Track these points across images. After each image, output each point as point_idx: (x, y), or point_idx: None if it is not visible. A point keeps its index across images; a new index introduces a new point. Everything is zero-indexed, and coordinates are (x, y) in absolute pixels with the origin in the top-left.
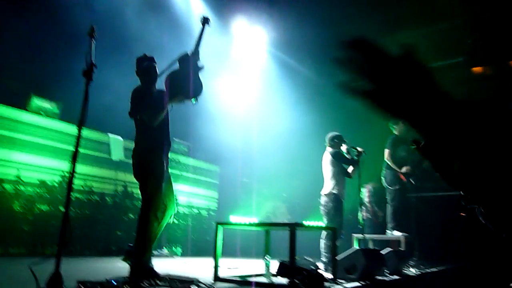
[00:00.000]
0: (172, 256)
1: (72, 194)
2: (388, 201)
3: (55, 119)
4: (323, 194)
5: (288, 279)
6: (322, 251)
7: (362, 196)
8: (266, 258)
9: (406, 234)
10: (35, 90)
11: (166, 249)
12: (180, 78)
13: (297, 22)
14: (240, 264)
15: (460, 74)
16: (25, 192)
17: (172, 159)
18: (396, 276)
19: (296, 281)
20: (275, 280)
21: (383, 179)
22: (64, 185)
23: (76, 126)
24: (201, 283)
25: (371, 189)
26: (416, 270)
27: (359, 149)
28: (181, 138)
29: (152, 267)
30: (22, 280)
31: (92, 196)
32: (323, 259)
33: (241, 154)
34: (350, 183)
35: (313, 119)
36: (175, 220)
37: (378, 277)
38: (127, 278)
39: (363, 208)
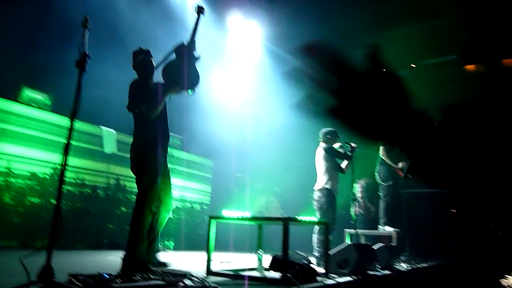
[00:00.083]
0: (164, 250)
1: (64, 187)
2: (381, 196)
3: (47, 110)
4: (316, 189)
5: (280, 273)
6: (315, 245)
7: (354, 192)
8: (259, 252)
9: (398, 230)
10: (27, 81)
11: (159, 243)
12: (176, 69)
13: (291, 16)
14: (233, 258)
15: (454, 72)
16: (15, 184)
17: None
18: (387, 271)
19: (289, 275)
20: (268, 274)
21: (376, 174)
22: (56, 177)
23: (68, 118)
24: (193, 277)
25: (364, 184)
26: (407, 265)
27: (353, 144)
28: (174, 132)
29: (160, 260)
30: (13, 273)
31: (84, 189)
32: (316, 254)
33: (235, 148)
34: (343, 179)
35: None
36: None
37: (369, 271)
38: (119, 271)
39: (356, 203)
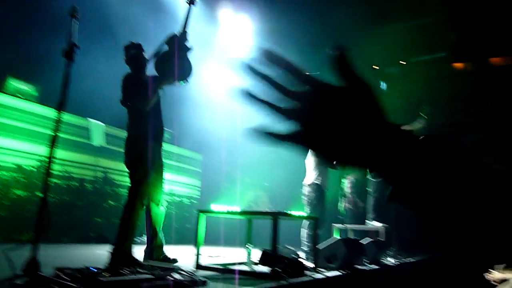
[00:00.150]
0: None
1: (51, 180)
2: (371, 192)
3: (33, 102)
4: (306, 184)
5: (270, 268)
6: (304, 240)
7: (343, 187)
8: (248, 246)
9: (386, 225)
10: (12, 72)
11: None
12: (169, 60)
13: (282, 11)
14: (223, 252)
15: (442, 69)
16: (1, 176)
17: None
18: (374, 266)
19: (278, 269)
20: (257, 268)
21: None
22: (42, 170)
23: (55, 109)
24: (182, 271)
25: (353, 180)
26: (394, 260)
27: None
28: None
29: (167, 256)
30: None
31: (71, 182)
32: (304, 248)
33: (224, 142)
34: (332, 174)
35: None
36: None
37: (357, 266)
38: (107, 265)
39: (345, 198)
